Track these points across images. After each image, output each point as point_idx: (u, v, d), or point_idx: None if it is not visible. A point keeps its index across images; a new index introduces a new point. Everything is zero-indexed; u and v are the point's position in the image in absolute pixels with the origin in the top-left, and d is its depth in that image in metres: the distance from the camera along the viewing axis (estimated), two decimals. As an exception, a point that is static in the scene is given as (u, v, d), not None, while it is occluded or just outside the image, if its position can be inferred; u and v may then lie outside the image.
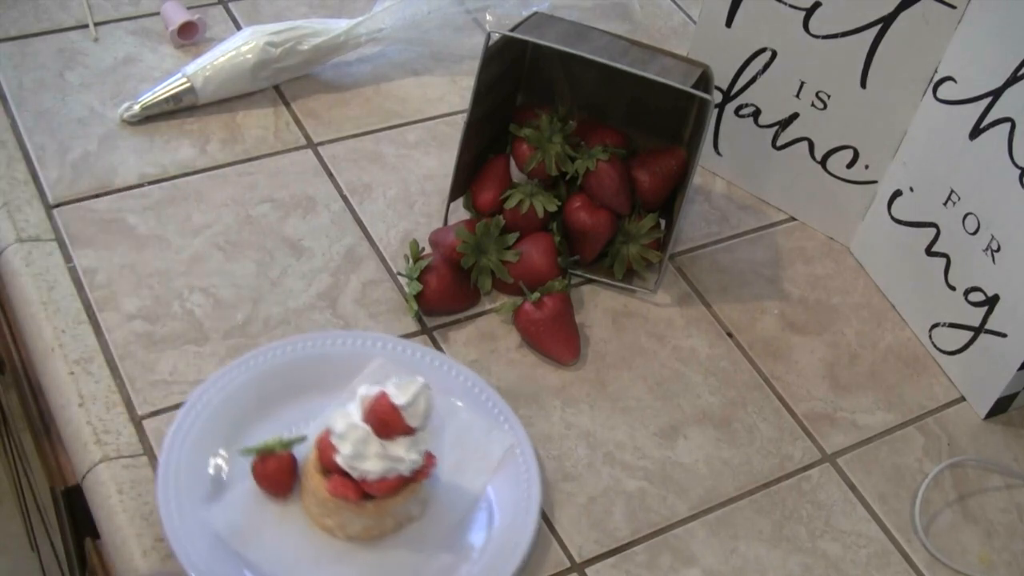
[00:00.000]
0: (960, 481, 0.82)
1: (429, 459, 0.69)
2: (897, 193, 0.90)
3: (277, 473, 0.71)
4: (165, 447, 0.71)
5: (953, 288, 0.86)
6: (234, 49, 0.96)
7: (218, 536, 0.69)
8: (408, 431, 0.67)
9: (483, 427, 0.76)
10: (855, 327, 0.91)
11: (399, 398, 0.66)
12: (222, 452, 0.73)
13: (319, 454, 0.69)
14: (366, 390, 0.68)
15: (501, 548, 0.71)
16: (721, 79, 0.94)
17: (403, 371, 0.77)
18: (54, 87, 0.96)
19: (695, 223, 0.96)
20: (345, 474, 0.68)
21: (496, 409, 0.77)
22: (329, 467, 0.68)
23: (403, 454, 0.67)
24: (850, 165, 0.92)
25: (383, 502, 0.69)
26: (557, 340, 0.83)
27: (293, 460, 0.71)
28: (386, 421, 0.66)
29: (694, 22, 1.14)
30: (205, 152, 0.93)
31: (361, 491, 0.68)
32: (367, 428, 0.67)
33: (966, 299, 0.85)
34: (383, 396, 0.67)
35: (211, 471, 0.72)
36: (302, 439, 0.72)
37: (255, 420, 0.74)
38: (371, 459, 0.67)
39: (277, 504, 0.71)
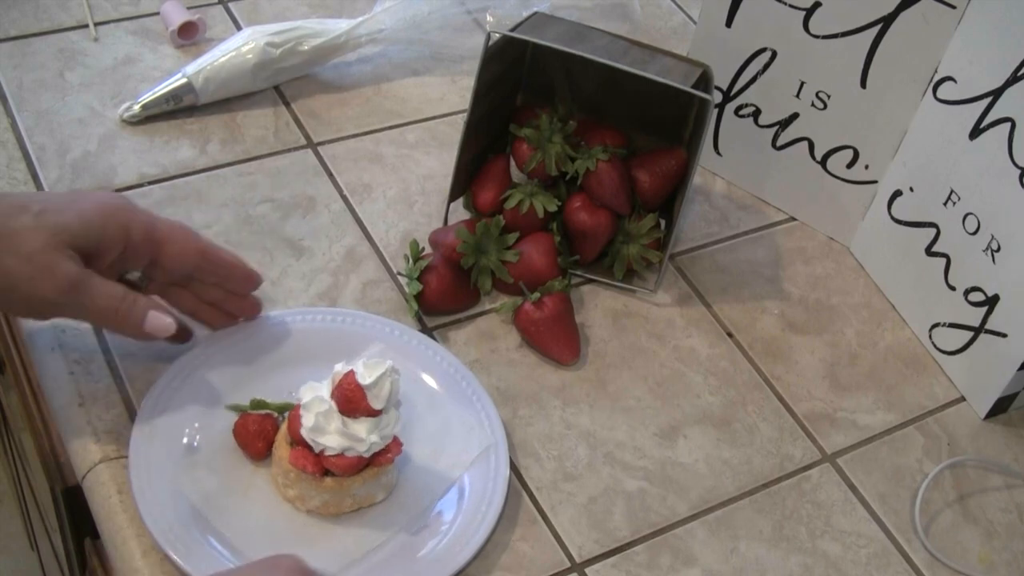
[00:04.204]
0: (960, 481, 0.82)
1: (394, 445, 0.70)
2: (897, 193, 0.90)
3: (252, 434, 0.72)
4: (143, 406, 0.73)
5: (953, 288, 0.86)
6: (234, 49, 0.96)
7: (184, 494, 0.70)
8: (371, 412, 0.67)
9: (464, 423, 0.77)
10: (855, 327, 0.91)
11: (365, 378, 0.66)
12: (196, 424, 0.73)
13: (289, 424, 0.70)
14: (341, 367, 0.68)
15: (462, 533, 0.71)
16: (721, 79, 0.94)
17: (400, 358, 0.77)
18: (54, 87, 0.96)
19: (695, 223, 0.96)
20: (309, 446, 0.68)
21: (480, 406, 0.77)
22: (296, 438, 0.69)
23: (364, 434, 0.67)
24: (850, 165, 0.92)
25: (342, 480, 0.69)
26: (557, 340, 0.83)
27: (273, 425, 0.72)
28: (349, 398, 0.67)
29: (694, 22, 1.14)
30: (205, 152, 0.93)
31: (321, 465, 0.68)
32: (331, 403, 0.67)
33: (966, 299, 0.85)
34: (350, 374, 0.67)
35: (185, 440, 0.73)
36: (289, 406, 0.72)
37: (241, 387, 0.75)
38: (331, 434, 0.67)
39: (247, 468, 0.72)
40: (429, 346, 0.80)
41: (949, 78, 0.83)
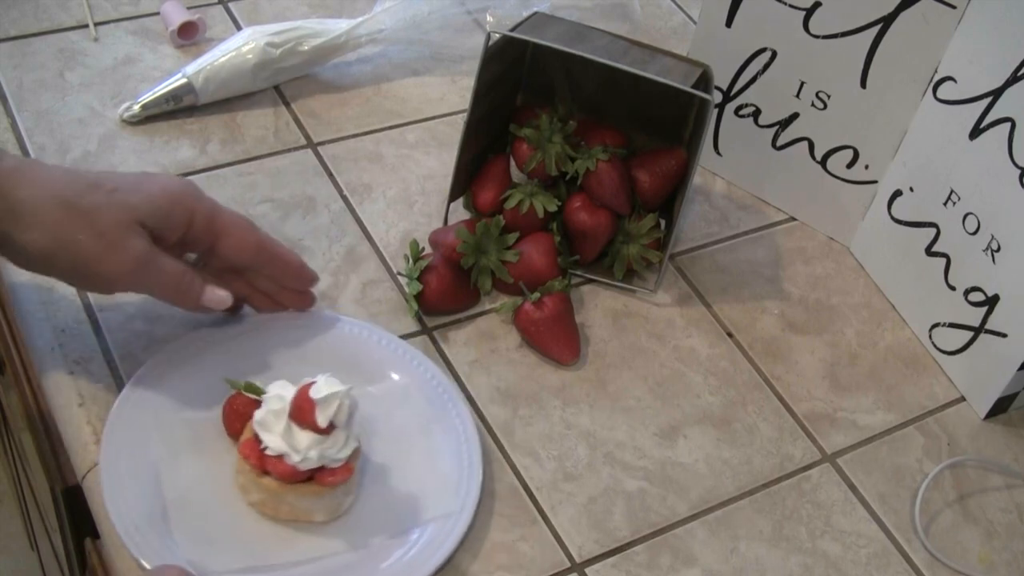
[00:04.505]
0: (960, 481, 0.82)
1: (342, 471, 0.69)
2: (897, 193, 0.90)
3: (236, 414, 0.72)
4: (117, 403, 0.73)
5: (953, 288, 0.86)
6: (234, 49, 0.96)
7: (148, 457, 0.70)
8: (316, 427, 0.66)
9: (444, 478, 0.74)
10: (855, 327, 0.91)
11: (319, 391, 0.66)
12: (185, 401, 0.74)
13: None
14: (323, 376, 0.68)
15: (428, 544, 0.70)
16: (721, 79, 0.94)
17: (419, 392, 0.78)
18: (54, 87, 0.96)
19: (695, 223, 0.96)
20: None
21: (468, 459, 0.75)
22: (238, 431, 0.70)
23: (303, 446, 0.67)
24: (850, 165, 0.92)
25: (280, 485, 0.69)
26: (557, 340, 0.83)
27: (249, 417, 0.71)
28: (299, 407, 0.67)
29: (694, 22, 1.14)
30: (205, 152, 0.93)
31: (263, 462, 0.68)
32: (284, 412, 0.67)
33: (966, 299, 0.85)
34: (310, 384, 0.67)
35: (168, 416, 0.73)
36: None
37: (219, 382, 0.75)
38: (273, 434, 0.67)
39: (223, 445, 0.72)
40: (441, 383, 0.78)
41: (949, 78, 0.83)
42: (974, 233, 0.84)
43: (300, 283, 0.79)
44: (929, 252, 0.88)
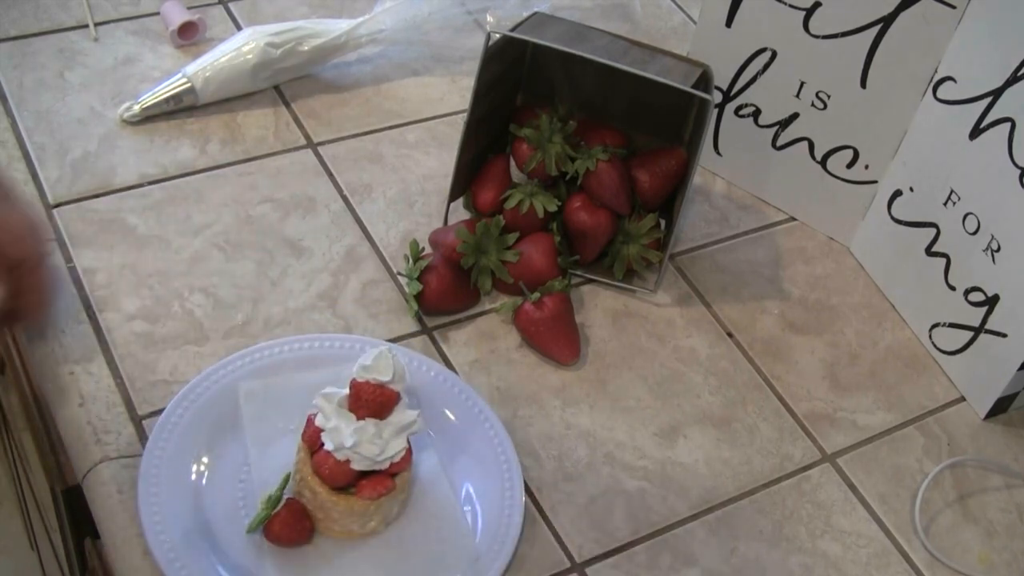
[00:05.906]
0: (960, 481, 0.82)
1: (386, 475, 0.70)
2: (897, 193, 0.90)
3: (295, 520, 0.69)
4: (146, 454, 0.71)
5: (953, 288, 0.86)
6: (235, 49, 0.96)
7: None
8: (399, 397, 0.67)
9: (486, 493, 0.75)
10: (855, 327, 0.91)
11: (382, 375, 0.66)
12: (204, 459, 0.72)
13: (329, 476, 0.68)
14: (324, 399, 0.67)
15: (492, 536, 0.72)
16: (721, 79, 0.94)
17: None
18: (54, 87, 0.96)
19: (695, 223, 0.96)
20: (365, 475, 0.68)
21: (508, 472, 0.75)
22: (347, 481, 0.68)
23: (411, 416, 0.68)
24: (850, 165, 0.92)
25: (405, 471, 0.70)
26: (557, 340, 0.83)
27: (297, 502, 0.70)
28: (382, 403, 0.66)
29: (694, 22, 1.14)
30: (205, 152, 0.93)
31: (390, 476, 0.68)
32: (371, 423, 0.66)
33: (966, 299, 0.85)
34: (363, 385, 0.66)
35: (193, 477, 0.71)
36: (286, 477, 0.70)
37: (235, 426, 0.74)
38: (393, 442, 0.67)
39: (310, 553, 0.70)
40: (434, 369, 0.79)
41: (949, 78, 0.83)
42: (974, 233, 0.84)
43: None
44: (929, 252, 0.88)
